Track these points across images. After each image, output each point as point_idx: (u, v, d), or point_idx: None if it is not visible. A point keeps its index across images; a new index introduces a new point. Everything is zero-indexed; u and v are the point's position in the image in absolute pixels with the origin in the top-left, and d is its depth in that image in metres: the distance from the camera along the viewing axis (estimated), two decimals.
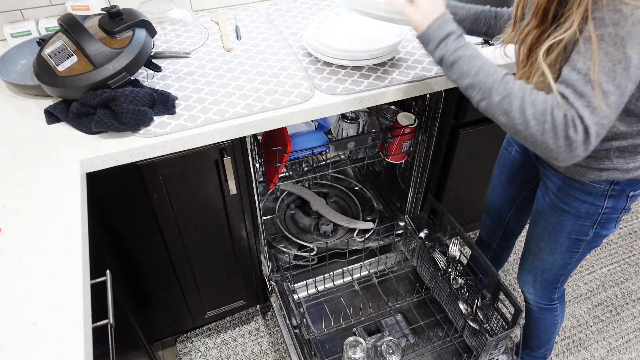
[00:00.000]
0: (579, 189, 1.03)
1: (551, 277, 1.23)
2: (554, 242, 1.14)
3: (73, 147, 1.02)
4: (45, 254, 0.80)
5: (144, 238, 1.24)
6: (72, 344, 0.68)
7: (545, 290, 1.27)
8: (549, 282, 1.24)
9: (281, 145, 1.31)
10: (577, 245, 1.13)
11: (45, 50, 1.10)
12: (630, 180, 0.99)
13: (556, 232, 1.12)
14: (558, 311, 1.34)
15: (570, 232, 1.10)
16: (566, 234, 1.11)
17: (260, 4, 1.60)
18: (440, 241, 1.47)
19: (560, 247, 1.14)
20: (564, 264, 1.18)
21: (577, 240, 1.11)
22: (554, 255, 1.17)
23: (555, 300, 1.30)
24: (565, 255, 1.16)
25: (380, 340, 1.34)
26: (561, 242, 1.13)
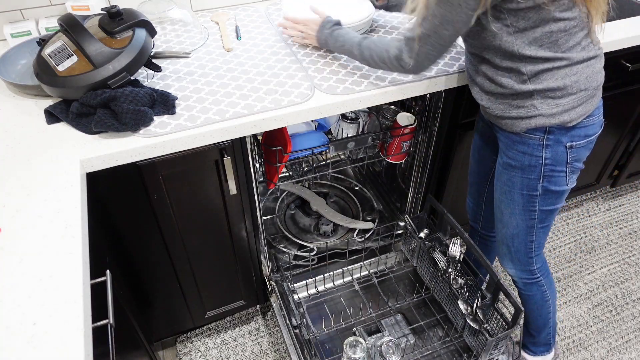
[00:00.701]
0: (519, 141, 1.10)
1: (522, 245, 1.25)
2: (510, 201, 1.19)
3: (73, 147, 1.02)
4: (45, 254, 0.80)
5: (144, 238, 1.24)
6: (72, 344, 0.68)
7: (521, 262, 1.29)
8: (522, 251, 1.26)
9: (281, 145, 1.31)
10: (531, 203, 1.16)
11: (45, 50, 1.10)
12: (562, 129, 1.06)
13: (510, 190, 1.18)
14: (545, 285, 1.34)
15: (521, 188, 1.15)
16: (518, 190, 1.16)
17: (260, 4, 1.60)
18: (440, 241, 1.47)
19: (517, 206, 1.19)
20: (527, 226, 1.21)
21: (530, 197, 1.16)
22: (515, 216, 1.21)
23: (536, 272, 1.31)
24: (524, 215, 1.19)
25: (380, 340, 1.34)
26: (516, 199, 1.18)
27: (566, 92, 1.02)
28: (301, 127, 1.45)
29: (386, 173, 1.87)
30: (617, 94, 1.64)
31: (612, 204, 2.21)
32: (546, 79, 1.01)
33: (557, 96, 1.03)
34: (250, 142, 1.19)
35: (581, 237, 2.06)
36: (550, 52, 0.98)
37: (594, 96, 1.06)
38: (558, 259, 1.97)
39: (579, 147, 1.09)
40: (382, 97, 1.21)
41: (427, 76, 1.23)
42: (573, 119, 1.04)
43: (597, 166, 1.96)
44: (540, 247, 1.27)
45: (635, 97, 1.71)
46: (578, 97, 1.03)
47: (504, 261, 1.33)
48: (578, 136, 1.07)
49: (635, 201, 2.22)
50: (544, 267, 1.33)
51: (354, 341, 1.29)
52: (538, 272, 1.32)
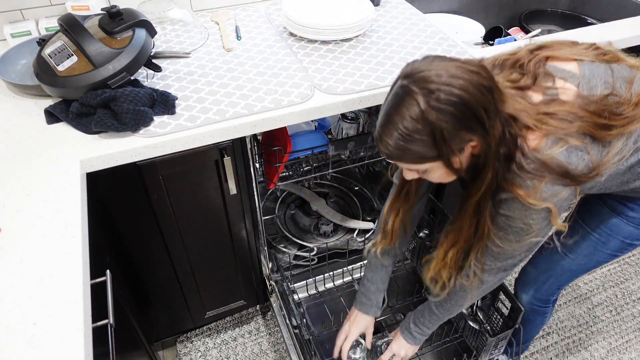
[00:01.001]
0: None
1: (565, 280, 1.18)
2: (601, 243, 1.08)
3: (73, 147, 1.02)
4: (45, 254, 0.80)
5: (144, 238, 1.24)
6: (72, 344, 0.68)
7: (547, 292, 1.24)
8: (557, 284, 1.20)
9: (281, 145, 1.31)
10: (624, 250, 1.08)
11: (45, 50, 1.10)
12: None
13: (609, 234, 1.06)
14: (548, 314, 1.33)
15: (627, 237, 1.05)
16: (621, 237, 1.05)
17: (260, 4, 1.60)
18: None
19: (606, 250, 1.08)
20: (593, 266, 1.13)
21: (629, 245, 1.06)
22: (592, 257, 1.11)
23: (550, 303, 1.29)
24: (603, 259, 1.10)
25: (380, 340, 1.34)
26: (610, 245, 1.07)
27: None
28: (301, 127, 1.45)
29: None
30: None
31: None
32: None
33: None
34: (250, 142, 1.19)
35: None
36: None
37: None
38: None
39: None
40: (382, 97, 1.20)
41: None
42: None
43: None
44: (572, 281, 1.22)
45: None
46: None
47: (527, 286, 1.26)
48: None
49: None
50: (557, 297, 1.29)
51: (354, 341, 1.29)
52: (551, 304, 1.29)
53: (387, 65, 1.27)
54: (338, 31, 1.33)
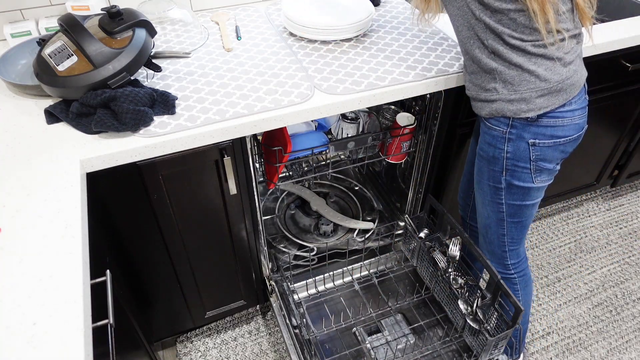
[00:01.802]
0: (486, 132, 1.14)
1: (495, 237, 1.27)
2: (481, 190, 1.23)
3: (73, 147, 1.02)
4: (45, 254, 0.80)
5: (144, 238, 1.24)
6: (72, 344, 0.68)
7: (496, 254, 1.31)
8: (495, 243, 1.29)
9: (281, 145, 1.31)
10: (498, 195, 1.19)
11: (45, 50, 1.10)
12: (525, 124, 1.07)
13: (480, 179, 1.21)
14: (518, 285, 1.34)
15: (488, 179, 1.18)
16: (486, 180, 1.19)
17: (260, 4, 1.60)
18: (440, 241, 1.47)
19: (486, 197, 1.21)
20: (497, 219, 1.23)
21: (495, 189, 1.18)
22: (485, 206, 1.24)
23: (510, 267, 1.32)
24: (493, 207, 1.22)
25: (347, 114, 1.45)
26: (485, 190, 1.21)
27: (524, 79, 1.03)
28: (301, 127, 1.45)
29: (386, 173, 1.87)
30: (617, 94, 1.64)
31: (612, 204, 2.21)
32: (504, 57, 1.02)
33: (516, 82, 1.04)
34: (250, 142, 1.19)
35: (581, 237, 2.05)
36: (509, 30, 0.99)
37: (559, 91, 1.04)
38: (558, 259, 1.97)
39: (543, 147, 1.09)
40: (382, 97, 1.21)
41: (427, 76, 1.23)
42: (531, 109, 1.05)
43: (597, 166, 1.96)
44: (514, 243, 1.27)
45: (635, 97, 1.71)
46: (537, 89, 1.03)
47: (483, 251, 1.34)
48: (542, 135, 1.08)
49: (635, 201, 2.22)
50: (520, 266, 1.33)
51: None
52: (512, 268, 1.32)
53: (387, 65, 1.27)
54: (338, 31, 1.33)
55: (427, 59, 1.30)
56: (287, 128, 1.29)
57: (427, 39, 1.39)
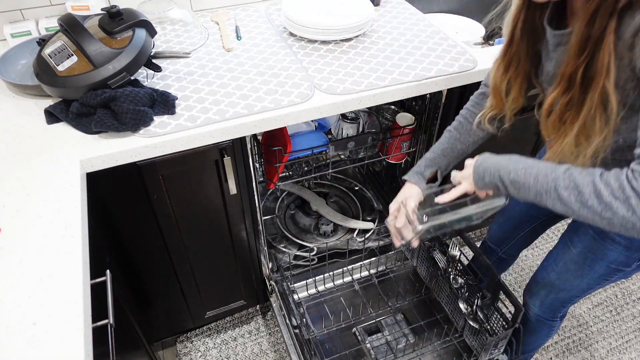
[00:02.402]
0: None
1: (566, 298, 1.17)
2: (588, 267, 1.06)
3: (73, 147, 1.02)
4: (45, 254, 0.80)
5: (144, 238, 1.24)
6: (72, 344, 0.68)
7: (553, 308, 1.22)
8: (560, 301, 1.19)
9: (281, 145, 1.31)
10: (612, 275, 1.05)
11: (45, 50, 1.10)
12: None
13: (596, 258, 1.04)
14: (555, 328, 1.31)
15: (612, 262, 1.02)
16: (607, 262, 1.03)
17: (260, 4, 1.60)
18: (440, 241, 1.47)
19: (593, 274, 1.06)
20: (587, 288, 1.11)
21: (617, 270, 1.04)
22: (582, 279, 1.09)
23: (558, 318, 1.27)
24: (594, 282, 1.08)
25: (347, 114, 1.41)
26: (596, 269, 1.05)
27: None
28: (301, 127, 1.45)
29: (386, 173, 1.87)
30: None
31: None
32: None
33: None
34: (250, 142, 1.19)
35: None
36: None
37: None
38: None
39: None
40: (382, 97, 1.21)
41: (427, 76, 1.23)
42: None
43: None
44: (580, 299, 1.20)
45: None
46: None
47: (533, 298, 1.24)
48: None
49: None
50: (566, 312, 1.27)
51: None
52: (559, 320, 1.27)
53: (387, 65, 1.27)
54: (338, 31, 1.33)
55: (427, 59, 1.30)
56: (287, 128, 1.29)
57: (427, 39, 1.39)
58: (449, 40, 1.38)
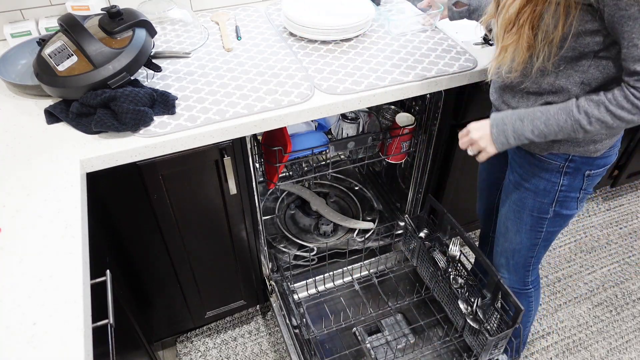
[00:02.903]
0: (537, 165, 1.08)
1: (522, 259, 1.25)
2: (518, 220, 1.18)
3: (73, 147, 1.02)
4: (45, 254, 0.80)
5: (144, 238, 1.24)
6: (72, 344, 0.68)
7: (518, 273, 1.29)
8: (520, 264, 1.26)
9: (281, 145, 1.31)
10: (540, 224, 1.15)
11: (45, 50, 1.10)
12: (585, 158, 1.03)
13: (519, 209, 1.16)
14: (533, 297, 1.35)
15: (532, 210, 1.14)
16: (528, 211, 1.14)
17: (260, 4, 1.60)
18: (440, 241, 1.47)
19: (524, 226, 1.17)
20: (531, 244, 1.20)
21: (539, 219, 1.14)
22: (520, 234, 1.19)
23: (529, 284, 1.32)
24: (530, 235, 1.18)
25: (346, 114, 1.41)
26: (525, 220, 1.16)
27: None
28: (301, 127, 1.45)
29: (386, 173, 1.87)
30: None
31: (612, 204, 2.21)
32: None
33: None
34: (250, 142, 1.19)
35: (581, 237, 2.05)
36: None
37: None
38: (558, 259, 1.97)
39: (595, 176, 1.06)
40: (382, 97, 1.21)
41: (427, 76, 1.23)
42: (599, 149, 1.01)
43: None
44: (538, 262, 1.27)
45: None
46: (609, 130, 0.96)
47: (500, 269, 1.33)
48: (597, 165, 1.04)
49: (635, 201, 2.22)
50: (536, 279, 1.33)
51: None
52: (530, 285, 1.32)
53: (387, 65, 1.27)
54: (338, 31, 1.33)
55: (427, 59, 1.30)
56: (287, 128, 1.29)
57: (427, 39, 1.39)
58: (449, 40, 1.38)
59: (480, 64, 1.28)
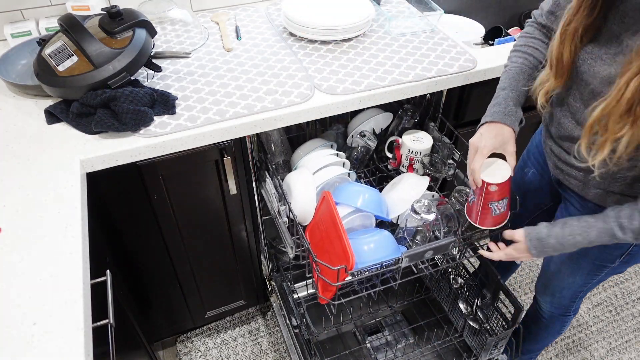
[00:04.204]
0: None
1: (570, 294, 1.20)
2: (575, 266, 1.11)
3: (73, 147, 1.02)
4: (45, 254, 0.80)
5: (144, 238, 1.24)
6: (73, 344, 0.68)
7: (563, 304, 1.25)
8: (567, 298, 1.22)
9: (336, 255, 1.04)
10: (600, 270, 1.09)
11: (46, 50, 1.10)
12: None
13: (579, 258, 1.08)
14: (568, 322, 1.32)
15: (595, 259, 1.06)
16: (591, 260, 1.07)
17: (260, 4, 1.60)
18: None
19: (582, 271, 1.11)
20: (584, 283, 1.15)
21: (601, 266, 1.08)
22: (575, 277, 1.13)
23: (570, 312, 1.28)
24: (587, 278, 1.13)
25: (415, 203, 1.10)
26: (584, 266, 1.09)
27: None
28: (354, 222, 1.17)
29: None
30: None
31: None
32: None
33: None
34: (249, 142, 1.19)
35: None
36: None
37: None
38: None
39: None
40: (382, 97, 1.21)
41: (427, 76, 1.23)
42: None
43: None
44: (586, 294, 1.22)
45: None
46: None
47: (543, 297, 1.27)
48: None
49: None
50: (578, 306, 1.28)
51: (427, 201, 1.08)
52: (572, 312, 1.28)
53: (387, 65, 1.27)
54: (338, 31, 1.33)
55: (427, 59, 1.30)
56: (347, 235, 1.02)
57: (427, 39, 1.39)
58: (449, 40, 1.38)
59: (480, 64, 1.28)
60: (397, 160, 1.37)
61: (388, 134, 1.45)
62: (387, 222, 1.24)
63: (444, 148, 1.33)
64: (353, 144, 1.45)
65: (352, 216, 1.16)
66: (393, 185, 1.29)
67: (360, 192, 1.17)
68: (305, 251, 1.10)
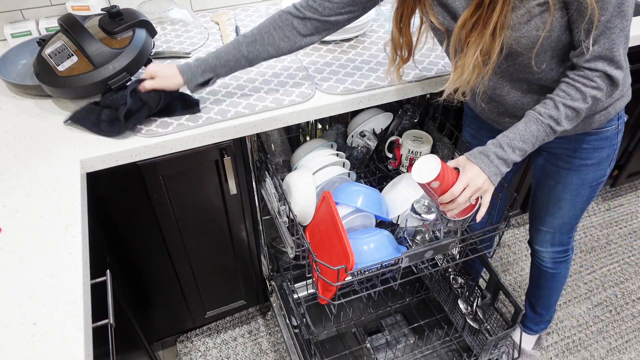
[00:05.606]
0: (596, 139, 1.08)
1: (568, 228, 1.27)
2: (575, 197, 1.18)
3: (73, 147, 1.02)
4: (45, 254, 0.80)
5: (144, 238, 1.24)
6: (73, 343, 0.68)
7: (562, 243, 1.31)
8: (566, 234, 1.28)
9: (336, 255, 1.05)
10: (596, 190, 1.18)
11: (46, 50, 1.10)
12: (623, 110, 1.07)
13: (578, 187, 1.16)
14: (570, 260, 1.37)
15: (592, 181, 1.15)
16: (588, 184, 1.15)
17: (260, 4, 1.60)
18: None
19: (581, 199, 1.19)
20: (582, 210, 1.23)
21: (597, 186, 1.17)
22: (575, 208, 1.21)
23: (569, 250, 1.34)
24: (584, 204, 1.21)
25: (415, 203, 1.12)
26: (583, 193, 1.17)
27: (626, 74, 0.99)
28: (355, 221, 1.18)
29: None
30: None
31: (611, 204, 2.21)
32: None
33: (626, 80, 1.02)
34: (249, 142, 1.19)
35: (581, 237, 2.05)
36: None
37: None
38: None
39: (623, 116, 1.11)
40: (382, 97, 1.21)
41: (427, 76, 1.23)
42: (627, 94, 1.05)
43: None
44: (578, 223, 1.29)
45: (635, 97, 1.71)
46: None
47: (543, 245, 1.33)
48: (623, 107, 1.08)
49: (635, 201, 2.22)
50: (573, 241, 1.35)
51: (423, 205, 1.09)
52: (570, 250, 1.34)
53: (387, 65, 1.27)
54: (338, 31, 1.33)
55: (427, 59, 1.30)
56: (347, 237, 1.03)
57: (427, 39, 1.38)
58: None
59: None
60: (397, 160, 1.37)
61: (388, 134, 1.45)
62: (387, 222, 1.24)
63: (444, 148, 1.33)
64: (353, 144, 1.45)
65: (352, 216, 1.16)
66: (393, 185, 1.29)
67: (360, 192, 1.17)
68: (305, 251, 1.11)
